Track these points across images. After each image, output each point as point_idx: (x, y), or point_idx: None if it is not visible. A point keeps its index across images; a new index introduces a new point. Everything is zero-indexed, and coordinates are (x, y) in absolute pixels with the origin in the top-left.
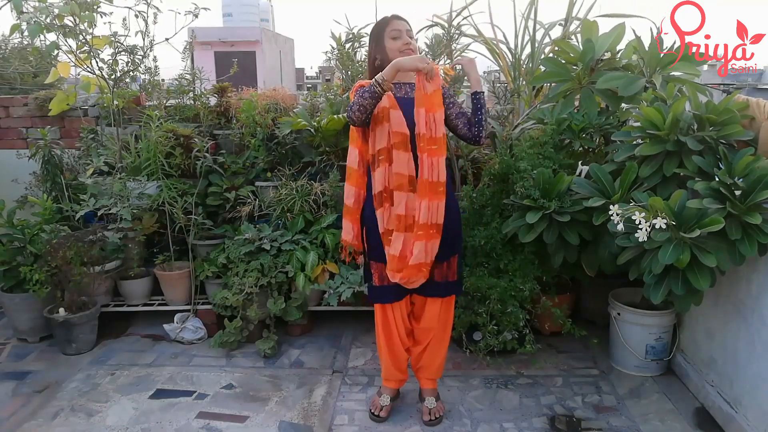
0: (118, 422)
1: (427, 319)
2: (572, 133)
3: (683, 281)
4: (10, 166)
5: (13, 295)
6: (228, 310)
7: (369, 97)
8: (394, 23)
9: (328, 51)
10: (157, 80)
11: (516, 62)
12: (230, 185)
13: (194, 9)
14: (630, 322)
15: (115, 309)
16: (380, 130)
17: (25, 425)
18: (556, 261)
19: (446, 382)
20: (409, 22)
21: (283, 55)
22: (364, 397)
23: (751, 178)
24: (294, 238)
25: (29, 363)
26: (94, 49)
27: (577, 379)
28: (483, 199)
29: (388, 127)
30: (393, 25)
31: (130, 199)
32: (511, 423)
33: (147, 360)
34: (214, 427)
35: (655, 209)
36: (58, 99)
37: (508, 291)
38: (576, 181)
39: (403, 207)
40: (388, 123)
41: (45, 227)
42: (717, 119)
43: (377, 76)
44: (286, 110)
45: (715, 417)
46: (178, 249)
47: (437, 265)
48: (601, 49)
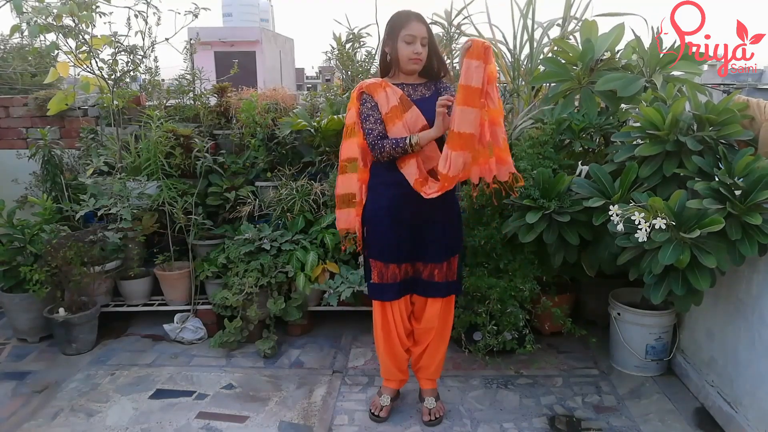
0: (118, 422)
1: (427, 320)
2: (572, 133)
3: (683, 281)
4: (10, 166)
5: (13, 295)
6: (228, 310)
7: (401, 152)
8: (412, 26)
9: (328, 51)
10: (158, 80)
11: (515, 62)
12: (230, 185)
13: (194, 9)
14: (630, 322)
15: (115, 309)
16: (396, 131)
17: (24, 425)
18: (556, 261)
19: (446, 382)
20: (429, 27)
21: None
22: (364, 397)
23: (751, 178)
24: (294, 238)
25: (29, 363)
26: (93, 49)
27: (577, 379)
28: (483, 199)
29: (401, 125)
30: (409, 28)
31: (130, 199)
32: (511, 423)
33: (147, 360)
34: (214, 427)
35: (655, 209)
36: (56, 99)
37: (508, 291)
38: (576, 181)
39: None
40: (400, 121)
41: (45, 227)
42: (717, 119)
43: (414, 140)
44: (286, 110)
45: (715, 417)
46: (178, 249)
47: (437, 266)
48: (601, 49)
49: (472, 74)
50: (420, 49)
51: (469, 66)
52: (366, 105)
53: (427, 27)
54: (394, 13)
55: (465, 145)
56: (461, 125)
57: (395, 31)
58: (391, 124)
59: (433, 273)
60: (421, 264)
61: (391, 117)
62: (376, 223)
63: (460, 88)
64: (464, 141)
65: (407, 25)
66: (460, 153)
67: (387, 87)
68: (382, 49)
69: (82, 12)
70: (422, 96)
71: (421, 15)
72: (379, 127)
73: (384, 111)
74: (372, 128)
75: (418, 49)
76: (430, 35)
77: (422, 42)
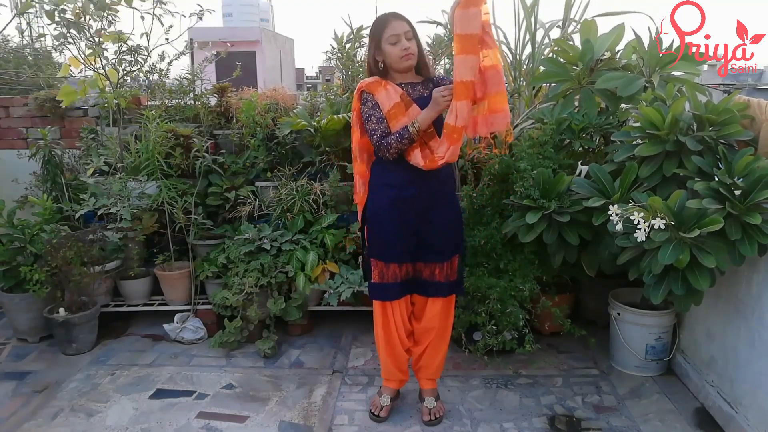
0: (118, 422)
1: (427, 320)
2: (572, 133)
3: (683, 281)
4: (11, 166)
5: (13, 295)
6: (228, 310)
7: (408, 142)
8: (392, 26)
9: (329, 51)
10: (163, 81)
11: (516, 62)
12: (230, 185)
13: (198, 11)
14: (630, 322)
15: (115, 309)
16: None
17: (25, 425)
18: (556, 261)
19: (446, 382)
20: (409, 20)
21: (283, 55)
22: (364, 397)
23: (751, 178)
24: (294, 238)
25: (29, 363)
26: (99, 47)
27: (577, 379)
28: (483, 199)
29: (406, 121)
30: (391, 28)
31: (130, 198)
32: (511, 423)
33: (147, 360)
34: (214, 427)
35: (655, 209)
36: (65, 90)
37: (508, 291)
38: (576, 181)
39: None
40: (405, 117)
41: (45, 227)
42: (717, 119)
43: (415, 126)
44: (286, 110)
45: (715, 417)
46: (178, 249)
47: (439, 265)
48: (601, 49)
49: (470, 21)
50: (407, 44)
51: (465, 14)
52: (367, 105)
53: (407, 21)
54: (373, 20)
55: (468, 94)
56: (462, 74)
57: (378, 36)
58: (395, 121)
59: (434, 272)
60: (421, 264)
61: (395, 114)
62: (377, 223)
63: (456, 37)
64: (467, 89)
65: (387, 27)
66: (464, 102)
67: (387, 85)
68: (373, 59)
69: (99, 11)
70: (421, 95)
71: (397, 12)
72: (382, 126)
73: (386, 109)
74: (375, 128)
75: (404, 45)
76: (413, 28)
77: (407, 36)
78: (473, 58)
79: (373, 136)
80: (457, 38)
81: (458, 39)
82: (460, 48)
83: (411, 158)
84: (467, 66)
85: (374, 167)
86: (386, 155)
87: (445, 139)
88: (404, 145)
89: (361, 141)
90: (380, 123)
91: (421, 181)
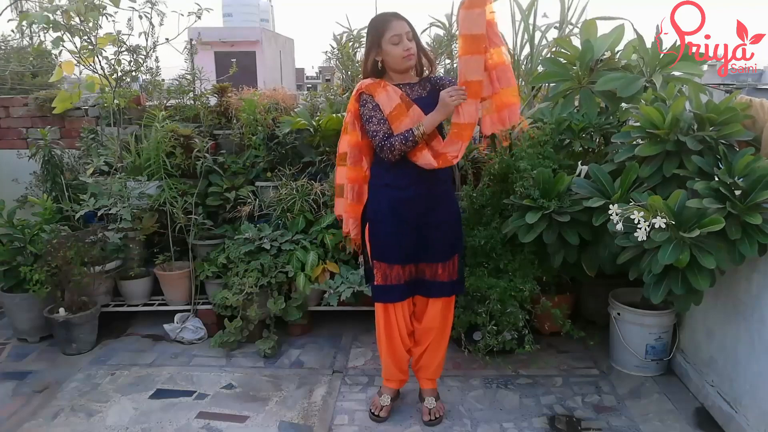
0: (118, 422)
1: (428, 319)
2: (572, 133)
3: (683, 281)
4: (11, 166)
5: (13, 295)
6: (228, 310)
7: (412, 145)
8: (394, 26)
9: (328, 51)
10: (159, 80)
11: (515, 63)
12: (230, 185)
13: (197, 10)
14: (630, 322)
15: (115, 309)
16: (403, 128)
17: (25, 425)
18: (556, 261)
19: (446, 382)
20: (408, 21)
21: (283, 55)
22: (364, 397)
23: (751, 177)
24: (294, 238)
25: (29, 363)
26: (97, 48)
27: (577, 379)
28: (483, 199)
29: (408, 122)
30: (392, 29)
31: (130, 199)
32: (511, 423)
33: (147, 360)
34: (214, 427)
35: (655, 209)
36: (61, 97)
37: (508, 291)
38: (576, 181)
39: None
40: (407, 118)
41: (45, 227)
42: (717, 119)
43: (420, 129)
44: (287, 110)
45: (715, 417)
46: (179, 249)
47: (441, 265)
48: (601, 49)
49: (474, 21)
50: (408, 45)
51: (469, 15)
52: (367, 106)
53: (407, 21)
54: (371, 20)
55: (474, 93)
56: (468, 74)
57: (378, 36)
58: (397, 122)
59: (437, 272)
60: (424, 264)
61: (396, 115)
62: (378, 224)
63: (461, 38)
64: (473, 88)
65: (389, 27)
66: (470, 101)
67: (387, 86)
68: (371, 59)
69: (91, 12)
70: (419, 95)
71: (397, 12)
72: (384, 128)
73: (388, 110)
74: (377, 129)
75: (406, 45)
76: (413, 28)
77: (408, 37)
78: (479, 58)
79: (376, 138)
80: (462, 39)
81: (463, 39)
82: (466, 48)
83: (419, 159)
84: (473, 66)
85: (374, 169)
86: (389, 157)
87: (456, 138)
88: (408, 148)
89: (362, 143)
90: (382, 124)
91: (421, 182)
